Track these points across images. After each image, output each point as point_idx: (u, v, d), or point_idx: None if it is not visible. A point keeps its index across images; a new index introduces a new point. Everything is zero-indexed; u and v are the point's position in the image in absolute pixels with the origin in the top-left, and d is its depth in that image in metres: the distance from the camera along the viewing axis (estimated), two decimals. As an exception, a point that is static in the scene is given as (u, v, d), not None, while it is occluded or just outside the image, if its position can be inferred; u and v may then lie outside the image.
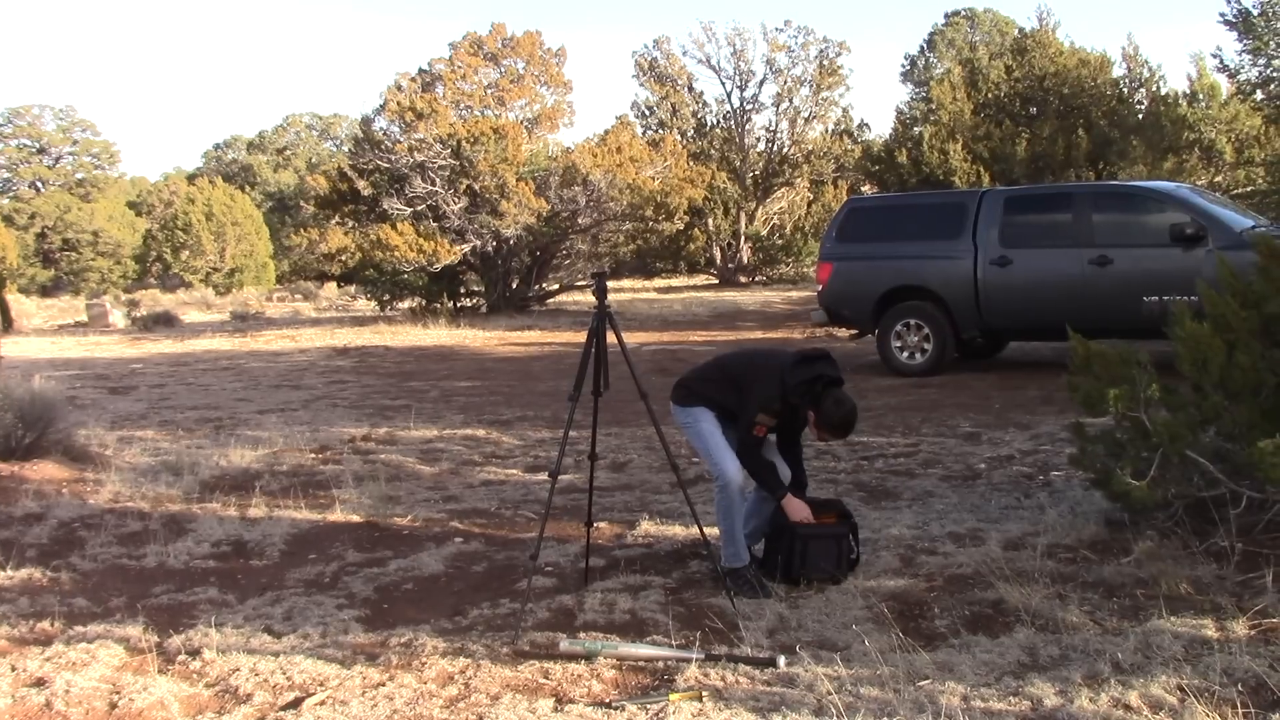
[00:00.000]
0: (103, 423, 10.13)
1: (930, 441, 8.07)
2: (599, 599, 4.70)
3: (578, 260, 25.04)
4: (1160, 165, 20.83)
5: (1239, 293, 4.79)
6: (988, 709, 3.42)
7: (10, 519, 6.43)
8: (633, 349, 5.49)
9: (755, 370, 4.91)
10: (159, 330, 24.40)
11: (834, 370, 4.85)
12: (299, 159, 68.69)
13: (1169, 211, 10.48)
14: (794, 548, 4.77)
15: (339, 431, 9.43)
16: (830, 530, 4.83)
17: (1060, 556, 4.96)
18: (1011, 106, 23.71)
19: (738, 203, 31.07)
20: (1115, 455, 4.97)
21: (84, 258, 54.48)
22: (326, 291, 36.39)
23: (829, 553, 4.79)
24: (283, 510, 6.56)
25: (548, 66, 26.29)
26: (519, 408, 10.74)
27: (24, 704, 3.80)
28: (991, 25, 56.36)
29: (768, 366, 4.88)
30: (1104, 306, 10.34)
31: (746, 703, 3.55)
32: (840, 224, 12.66)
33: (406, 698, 3.73)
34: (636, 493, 6.84)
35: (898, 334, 11.82)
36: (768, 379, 4.80)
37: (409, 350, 17.32)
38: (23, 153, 63.59)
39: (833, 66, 31.81)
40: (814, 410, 4.76)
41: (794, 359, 4.86)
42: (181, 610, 4.83)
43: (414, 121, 21.97)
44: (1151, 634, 3.90)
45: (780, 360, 4.89)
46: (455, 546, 5.72)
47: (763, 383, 4.80)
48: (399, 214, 21.87)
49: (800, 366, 4.80)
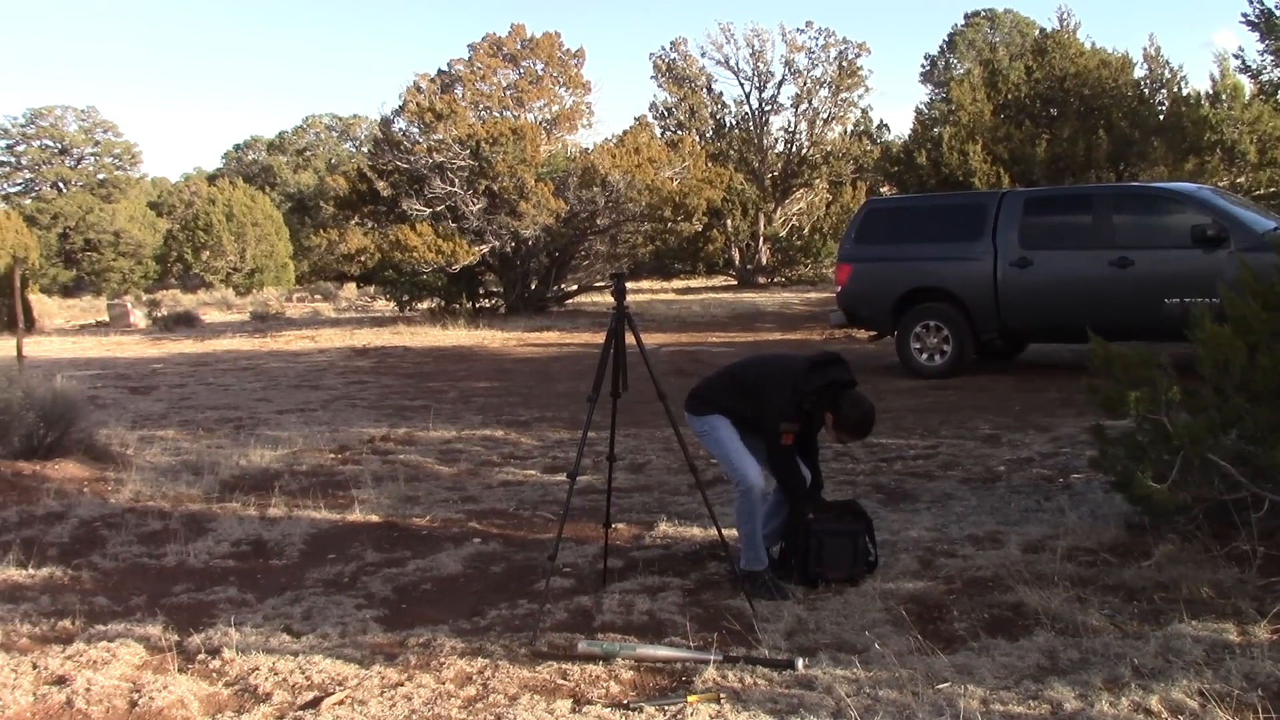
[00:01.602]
0: (124, 422, 10.19)
1: (949, 443, 8.04)
2: (617, 600, 4.71)
3: (596, 261, 25.02)
4: (1181, 166, 20.67)
5: (1261, 295, 4.76)
6: (1007, 712, 3.41)
7: (32, 518, 6.48)
8: (651, 350, 5.49)
9: (768, 380, 4.90)
10: (179, 330, 24.53)
11: (846, 373, 4.84)
12: (319, 160, 68.92)
13: (1190, 213, 10.42)
14: (809, 545, 4.76)
15: (358, 432, 9.46)
16: (845, 527, 4.82)
17: (1080, 559, 4.94)
18: (1032, 107, 23.58)
19: (756, 204, 31.00)
20: (1136, 458, 4.94)
21: (105, 258, 54.80)
22: (346, 292, 36.50)
23: (844, 550, 4.78)
24: (302, 510, 6.59)
25: (566, 68, 26.36)
26: (537, 409, 10.75)
27: (45, 701, 3.83)
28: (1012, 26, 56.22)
29: (780, 375, 4.86)
30: (1124, 308, 10.28)
31: (764, 705, 3.55)
32: (859, 225, 12.63)
33: (425, 698, 3.74)
34: (655, 494, 6.84)
35: (916, 335, 11.78)
36: (781, 387, 4.79)
37: (428, 351, 17.36)
38: (45, 153, 64.08)
39: (852, 68, 31.70)
40: (832, 413, 4.76)
41: (806, 366, 4.84)
42: (201, 609, 4.86)
43: (433, 122, 22.01)
44: (1172, 638, 3.88)
45: (792, 368, 4.87)
46: (474, 547, 5.74)
47: (776, 392, 4.80)
48: (418, 215, 21.92)
49: (813, 373, 4.80)
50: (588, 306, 25.00)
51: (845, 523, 4.86)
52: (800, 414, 4.79)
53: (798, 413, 4.78)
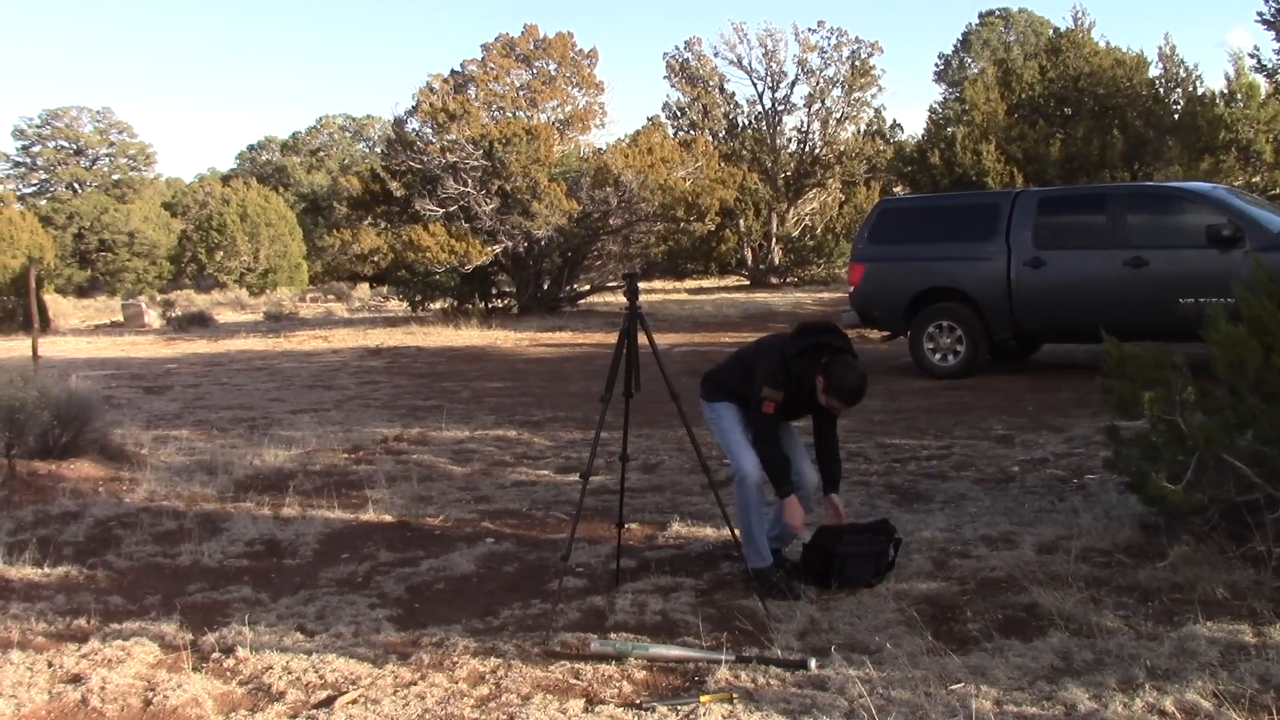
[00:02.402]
0: (138, 422, 10.23)
1: (963, 444, 8.03)
2: (630, 600, 4.71)
3: (609, 261, 25.02)
4: (1196, 166, 20.58)
5: (1277, 295, 4.73)
6: (1020, 713, 3.40)
7: (48, 517, 6.51)
8: (664, 350, 5.49)
9: (762, 350, 4.96)
10: (194, 330, 24.62)
11: (839, 340, 4.84)
12: (332, 160, 69.06)
13: (1205, 213, 10.37)
14: (831, 565, 4.72)
15: (371, 432, 9.48)
16: (869, 549, 4.78)
17: (1094, 560, 4.92)
18: (1046, 107, 23.51)
19: (769, 203, 30.97)
20: (1150, 459, 4.92)
21: (120, 258, 55.00)
22: (359, 292, 36.60)
23: (867, 567, 4.75)
24: (316, 510, 6.61)
25: (579, 68, 26.34)
26: (550, 409, 10.76)
27: (60, 700, 3.84)
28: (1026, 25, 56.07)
29: (771, 343, 4.94)
30: (1139, 308, 10.24)
31: (777, 705, 3.55)
32: (872, 225, 12.61)
33: (438, 697, 3.74)
34: (668, 494, 6.84)
35: (930, 336, 11.76)
36: (770, 354, 4.84)
37: (441, 351, 17.39)
38: (61, 154, 64.39)
39: (865, 67, 31.64)
40: (823, 376, 4.73)
41: (794, 331, 4.89)
42: (216, 608, 4.88)
43: (446, 123, 22.04)
44: (1187, 639, 3.87)
45: (784, 336, 4.95)
46: (487, 547, 5.74)
47: (766, 359, 4.84)
48: (431, 215, 21.95)
49: (799, 335, 4.84)
50: (600, 307, 25.00)
51: (871, 543, 4.82)
52: (788, 380, 4.76)
53: (786, 377, 4.76)
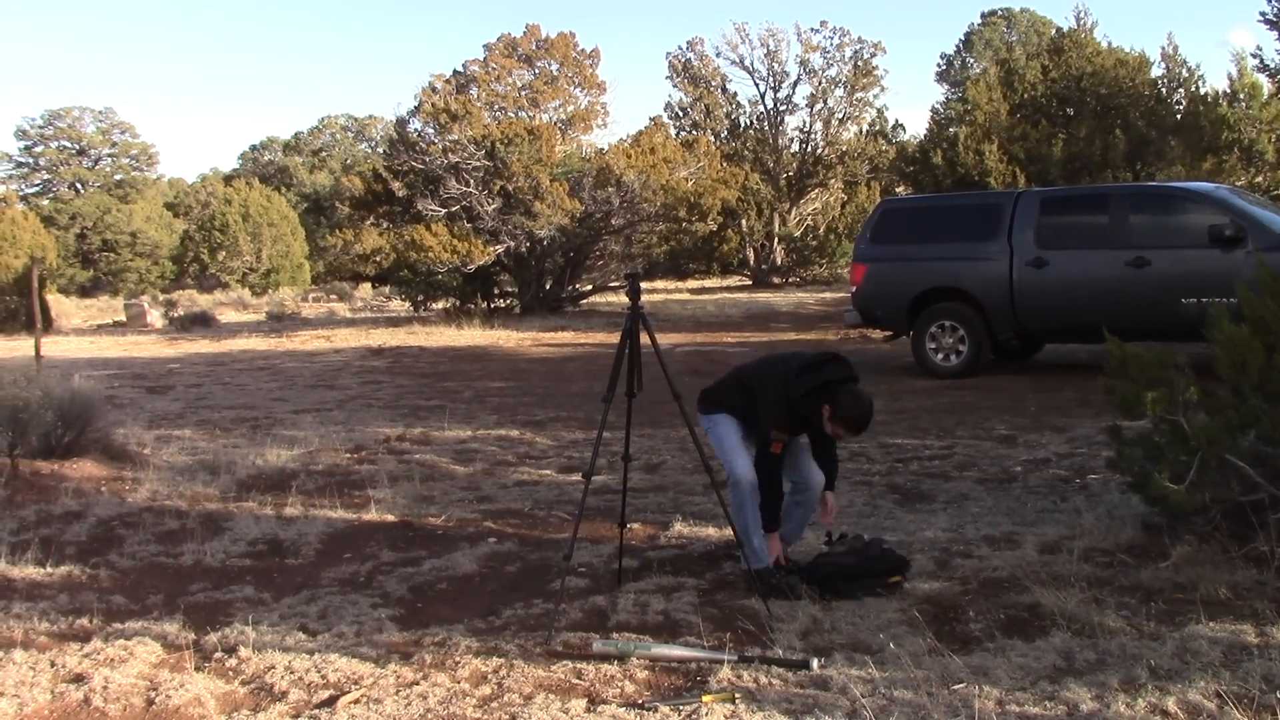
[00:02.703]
0: (141, 422, 10.23)
1: (965, 444, 8.02)
2: (632, 600, 4.71)
3: (611, 261, 25.02)
4: (1199, 166, 20.56)
5: (1279, 295, 4.73)
6: (1023, 713, 3.40)
7: (50, 516, 6.51)
8: (666, 350, 5.49)
9: (764, 379, 4.96)
10: (196, 330, 24.62)
11: (844, 371, 4.84)
12: (334, 160, 69.10)
13: (1208, 212, 10.36)
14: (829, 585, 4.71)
15: (374, 431, 9.49)
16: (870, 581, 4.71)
17: (1097, 560, 4.92)
18: (1048, 107, 23.49)
19: (771, 204, 30.96)
20: (1153, 459, 4.92)
21: (122, 258, 55.02)
22: (361, 292, 36.60)
23: (868, 589, 4.71)
24: (318, 510, 6.61)
25: (581, 68, 26.38)
26: (552, 408, 10.76)
27: (63, 699, 3.85)
28: (1028, 25, 56.05)
29: (773, 376, 4.91)
30: (1141, 309, 10.24)
31: (779, 705, 3.55)
32: (874, 225, 12.61)
33: (440, 696, 3.74)
34: (670, 494, 6.84)
35: (932, 336, 11.75)
36: (773, 389, 4.84)
37: (443, 351, 17.39)
38: (63, 154, 64.44)
39: (868, 67, 31.62)
40: (829, 405, 4.76)
41: (798, 368, 4.85)
42: (218, 608, 4.88)
43: (448, 123, 22.04)
44: (1189, 639, 3.86)
45: (786, 369, 4.90)
46: (489, 547, 5.75)
47: (770, 396, 4.84)
48: (433, 215, 21.96)
49: (804, 376, 4.81)
50: (602, 306, 25.01)
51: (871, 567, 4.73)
52: (794, 419, 4.82)
53: (790, 419, 4.81)
